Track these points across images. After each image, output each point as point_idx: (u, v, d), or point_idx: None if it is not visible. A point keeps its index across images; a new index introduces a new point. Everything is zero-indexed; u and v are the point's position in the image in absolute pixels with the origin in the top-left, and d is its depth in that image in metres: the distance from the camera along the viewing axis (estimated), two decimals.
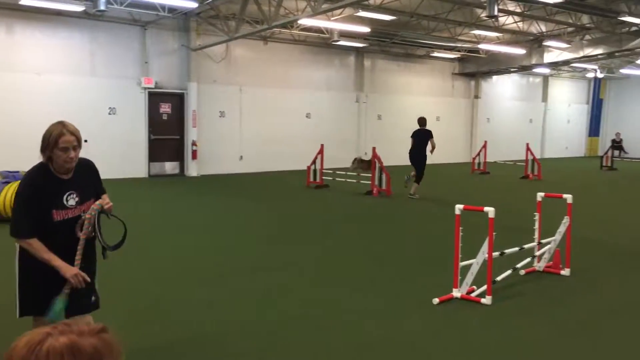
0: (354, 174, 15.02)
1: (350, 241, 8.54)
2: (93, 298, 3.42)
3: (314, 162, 14.81)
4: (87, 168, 3.39)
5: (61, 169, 3.18)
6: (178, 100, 17.25)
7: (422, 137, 13.19)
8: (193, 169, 17.24)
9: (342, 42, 18.92)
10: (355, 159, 17.08)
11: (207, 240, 8.44)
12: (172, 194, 13.51)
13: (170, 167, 17.42)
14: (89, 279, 3.22)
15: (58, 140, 3.07)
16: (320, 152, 14.62)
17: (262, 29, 15.08)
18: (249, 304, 5.47)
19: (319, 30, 17.89)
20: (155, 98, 16.78)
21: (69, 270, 3.11)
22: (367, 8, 14.87)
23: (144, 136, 16.61)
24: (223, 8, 15.70)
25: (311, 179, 14.84)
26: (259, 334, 4.69)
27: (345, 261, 7.28)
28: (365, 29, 16.88)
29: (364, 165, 16.27)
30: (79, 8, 13.84)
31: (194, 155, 17.20)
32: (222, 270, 6.71)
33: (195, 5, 13.85)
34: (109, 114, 15.90)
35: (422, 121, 13.46)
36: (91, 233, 3.28)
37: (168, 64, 16.91)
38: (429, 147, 13.02)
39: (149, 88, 16.44)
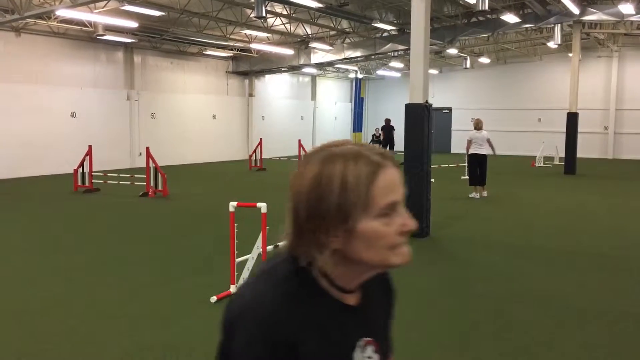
0: (127, 175, 14.29)
1: (123, 246, 8.10)
2: None
3: (81, 164, 13.74)
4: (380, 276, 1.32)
5: (354, 278, 1.20)
6: None
7: (388, 130, 23.38)
8: None
9: (108, 37, 17.83)
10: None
11: None
12: None
13: None
14: None
15: (372, 185, 1.12)
16: (89, 153, 13.62)
17: (13, 19, 13.53)
18: (16, 320, 4.85)
19: (81, 23, 16.60)
20: None
21: None
22: (134, 2, 14.21)
23: None
24: None
25: (79, 183, 13.76)
26: (28, 353, 4.18)
27: (117, 267, 6.88)
28: (133, 24, 16.13)
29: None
30: None
31: None
32: None
33: None
34: None
35: (387, 121, 23.62)
36: None
37: None
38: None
39: None
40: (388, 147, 21.61)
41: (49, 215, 10.76)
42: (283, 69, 25.02)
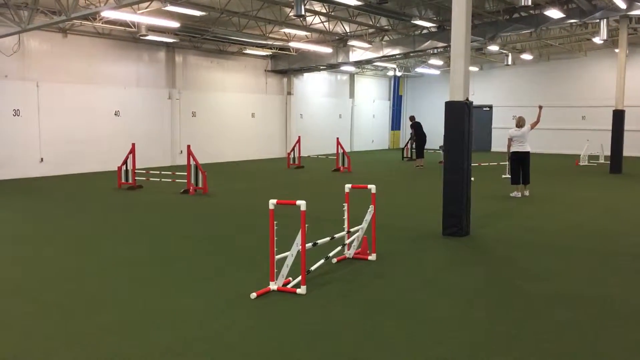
0: (169, 172, 14.55)
1: (165, 242, 8.27)
2: None
3: (125, 162, 14.07)
4: None
5: None
6: None
7: (418, 127, 21.22)
8: None
9: (151, 37, 18.19)
10: None
11: (13, 251, 7.57)
12: None
13: None
14: None
15: None
16: (132, 151, 13.93)
17: (60, 20, 13.89)
18: (65, 313, 5.02)
19: (125, 23, 16.99)
20: None
21: None
22: (176, 2, 14.46)
23: None
24: None
25: (123, 180, 14.09)
26: (76, 345, 4.32)
27: (159, 263, 7.02)
28: (175, 24, 16.42)
29: None
30: None
31: None
32: (28, 282, 6.07)
33: None
34: None
35: (413, 118, 21.95)
36: None
37: None
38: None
39: None
40: (420, 147, 21.11)
41: (94, 212, 11.05)
42: (321, 67, 25.05)
